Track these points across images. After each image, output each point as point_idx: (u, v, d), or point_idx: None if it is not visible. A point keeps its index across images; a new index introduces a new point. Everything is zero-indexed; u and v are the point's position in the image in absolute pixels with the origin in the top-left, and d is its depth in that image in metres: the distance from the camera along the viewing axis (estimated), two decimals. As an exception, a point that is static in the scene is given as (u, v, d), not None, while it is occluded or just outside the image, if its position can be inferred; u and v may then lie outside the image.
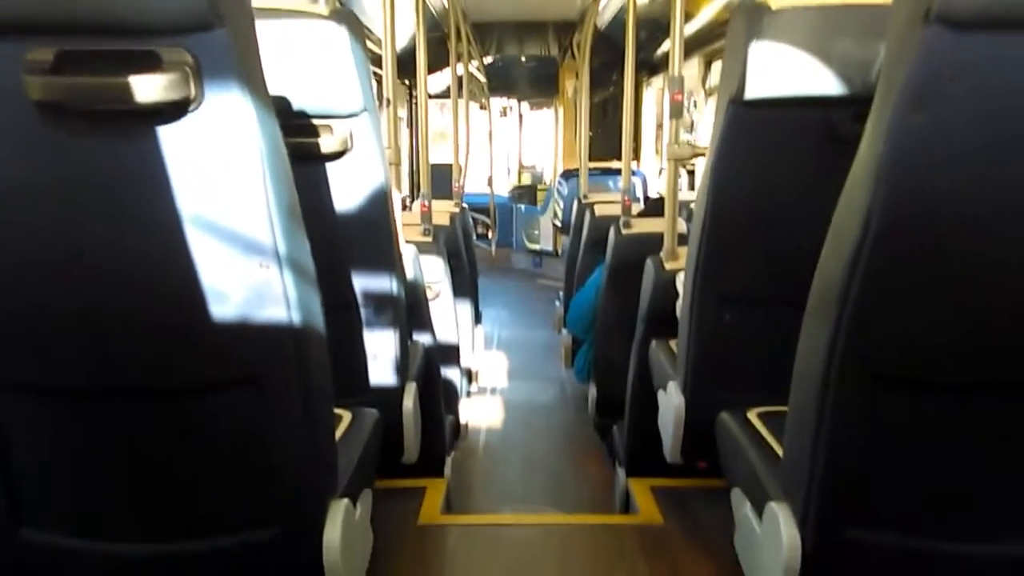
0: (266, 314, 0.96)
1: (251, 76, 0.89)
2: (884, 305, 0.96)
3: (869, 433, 1.03)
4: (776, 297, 1.52)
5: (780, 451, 1.25)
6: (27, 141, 0.88)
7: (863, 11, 1.38)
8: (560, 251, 7.38)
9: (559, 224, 6.94)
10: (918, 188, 0.91)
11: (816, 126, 1.43)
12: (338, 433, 1.29)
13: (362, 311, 1.66)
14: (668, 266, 2.07)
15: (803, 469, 1.08)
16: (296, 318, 0.97)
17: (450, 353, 2.72)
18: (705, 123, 4.81)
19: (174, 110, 0.86)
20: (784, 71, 1.41)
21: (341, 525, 1.11)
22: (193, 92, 0.85)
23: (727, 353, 1.65)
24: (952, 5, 0.83)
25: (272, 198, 0.92)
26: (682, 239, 2.13)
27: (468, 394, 3.35)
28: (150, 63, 0.83)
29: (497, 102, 8.72)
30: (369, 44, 1.70)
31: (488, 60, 7.14)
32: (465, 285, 3.43)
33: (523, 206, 8.32)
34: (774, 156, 1.49)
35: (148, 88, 0.83)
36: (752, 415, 1.41)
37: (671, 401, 1.72)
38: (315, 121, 1.48)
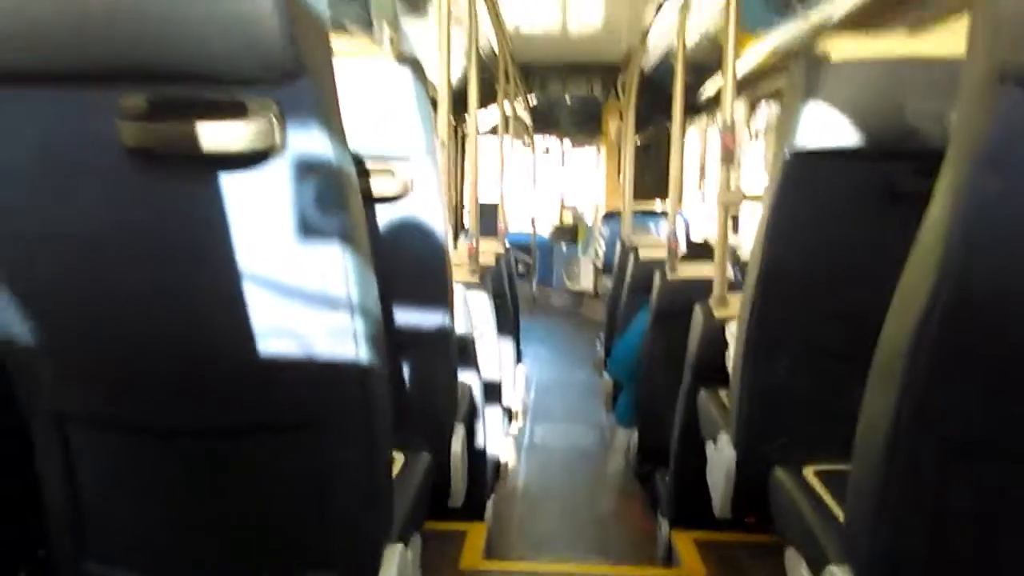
0: (336, 358, 0.97)
1: (332, 124, 0.91)
2: (954, 370, 0.93)
3: (937, 499, 0.99)
4: (833, 352, 1.49)
5: (839, 513, 1.21)
6: (116, 185, 0.91)
7: (926, 65, 1.36)
8: (600, 291, 7.36)
9: (600, 265, 6.93)
10: (993, 252, 0.88)
11: (876, 180, 1.41)
12: (393, 476, 1.29)
13: (415, 351, 1.67)
14: (718, 314, 2.04)
15: (866, 532, 1.05)
16: (364, 360, 0.98)
17: (492, 392, 2.71)
18: (748, 166, 4.79)
19: (259, 157, 0.88)
20: (842, 123, 1.40)
21: (396, 570, 1.10)
22: (278, 140, 0.87)
23: (781, 407, 1.61)
24: None
25: (348, 245, 0.93)
26: (730, 286, 2.12)
27: (508, 435, 3.33)
28: (238, 111, 0.85)
29: (540, 141, 8.80)
30: None
31: (533, 100, 7.23)
32: (507, 325, 3.43)
33: (564, 245, 8.34)
34: (832, 209, 1.48)
35: (236, 136, 0.85)
36: (808, 473, 1.37)
37: (723, 454, 1.69)
38: (378, 163, 1.51)
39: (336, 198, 0.92)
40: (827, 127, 1.40)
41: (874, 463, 1.01)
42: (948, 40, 1.38)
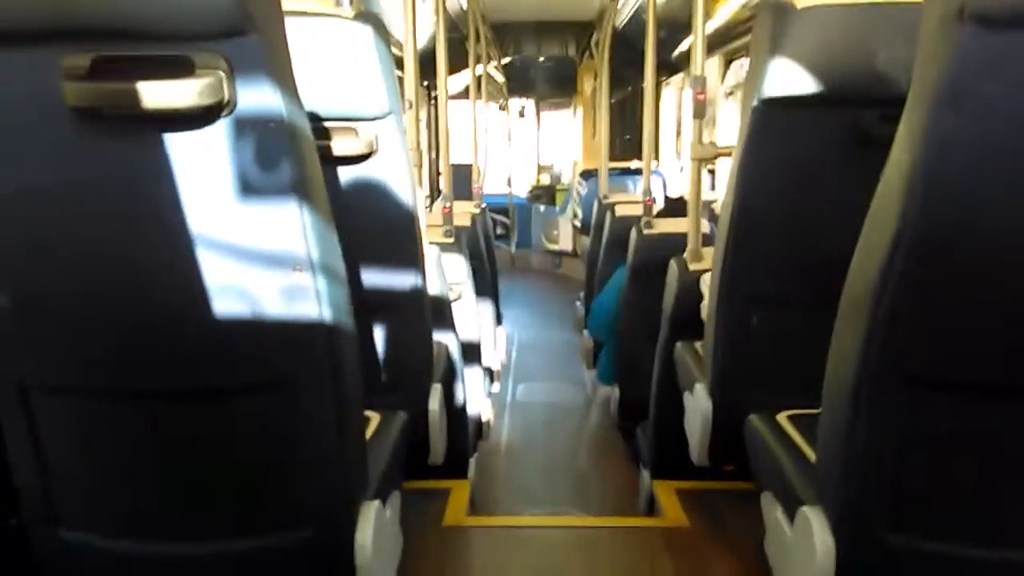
0: (299, 317, 0.96)
1: (283, 80, 0.89)
2: (918, 308, 0.95)
3: (904, 436, 1.01)
4: (804, 299, 1.51)
5: (812, 455, 1.23)
6: (62, 146, 0.89)
7: (891, 9, 1.36)
8: (579, 251, 7.37)
9: (578, 224, 6.93)
10: (953, 190, 0.89)
11: (844, 127, 1.42)
12: (367, 435, 1.29)
13: (387, 313, 1.66)
14: (692, 267, 2.06)
15: (837, 473, 1.07)
16: (328, 321, 0.98)
17: (472, 353, 2.73)
18: (724, 122, 4.78)
19: (208, 114, 0.86)
20: (810, 71, 1.39)
21: (373, 527, 1.11)
22: (227, 96, 0.85)
23: (754, 355, 1.64)
24: (987, 3, 0.82)
25: (304, 201, 0.92)
26: (706, 240, 2.13)
27: (489, 394, 3.36)
28: (185, 68, 0.83)
29: (515, 102, 8.72)
30: None
31: (506, 60, 7.15)
32: (486, 286, 3.43)
33: (542, 206, 8.31)
34: (801, 157, 1.48)
35: (183, 93, 0.83)
36: (782, 418, 1.40)
37: (698, 404, 1.71)
38: (340, 123, 1.49)
39: (290, 154, 0.91)
40: (795, 75, 1.40)
41: (842, 403, 1.03)
42: None
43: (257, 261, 0.94)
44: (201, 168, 0.90)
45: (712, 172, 4.59)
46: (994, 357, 0.98)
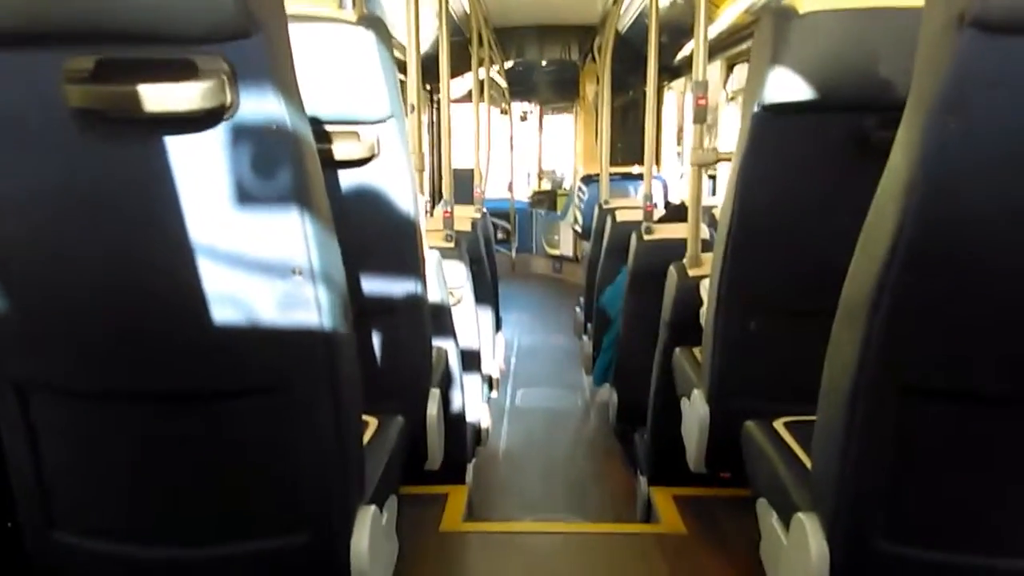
0: (297, 321, 0.96)
1: (285, 83, 0.89)
2: (915, 315, 0.95)
3: (899, 444, 1.01)
4: (803, 306, 1.50)
5: (808, 461, 1.23)
6: (65, 147, 0.90)
7: (893, 15, 1.36)
8: (580, 256, 7.37)
9: (579, 229, 6.93)
10: (952, 197, 0.89)
11: (844, 133, 1.41)
12: (364, 439, 1.29)
13: (386, 317, 1.66)
14: (692, 273, 2.05)
15: (832, 480, 1.07)
16: (327, 325, 0.98)
17: (471, 359, 2.72)
18: (725, 127, 4.78)
19: (210, 117, 0.87)
20: (811, 76, 1.39)
21: (369, 531, 1.11)
22: (229, 99, 0.85)
23: (752, 362, 1.63)
24: (987, 9, 0.81)
25: (305, 206, 0.92)
26: (705, 245, 2.12)
27: (488, 400, 3.36)
28: (187, 71, 0.84)
29: (517, 106, 8.73)
30: None
31: (508, 64, 7.16)
32: (486, 291, 3.43)
33: (543, 211, 8.32)
34: (801, 163, 1.48)
35: (185, 96, 0.83)
36: (778, 425, 1.39)
37: (695, 410, 1.71)
38: (342, 127, 1.49)
39: (291, 159, 0.91)
40: (796, 80, 1.40)
41: (838, 410, 1.03)
42: None
43: (257, 265, 0.94)
44: (202, 171, 0.90)
45: (712, 177, 4.59)
46: (991, 365, 0.97)
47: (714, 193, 4.46)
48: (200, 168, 0.89)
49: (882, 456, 1.02)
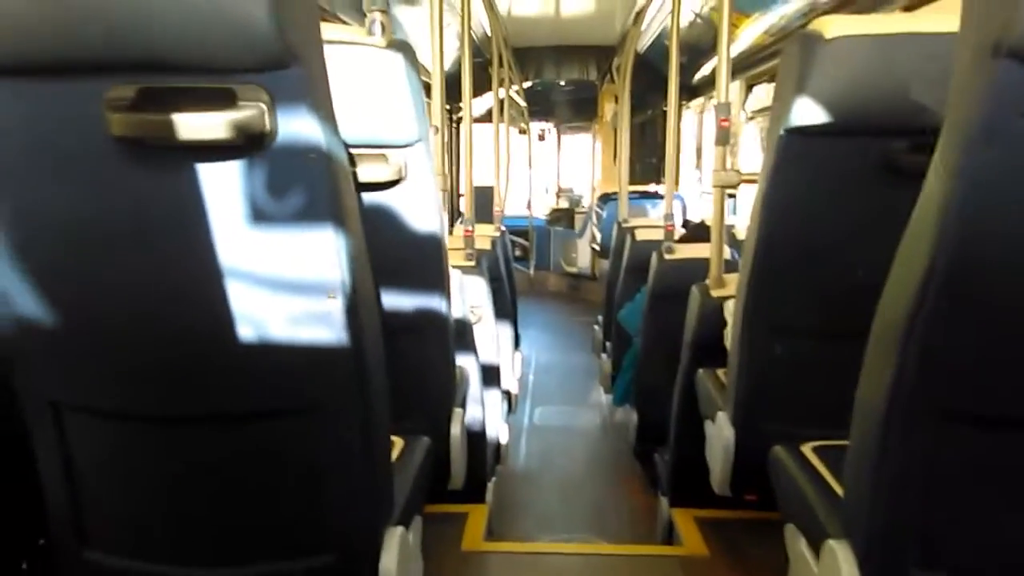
0: (331, 344, 0.97)
1: (323, 111, 0.91)
2: (950, 342, 0.94)
3: (934, 471, 1.00)
4: (830, 329, 1.50)
5: (837, 487, 1.22)
6: (104, 175, 0.91)
7: (921, 41, 1.36)
8: (598, 274, 7.37)
9: (597, 247, 6.93)
10: (988, 226, 0.88)
11: (871, 157, 1.41)
12: (391, 459, 1.29)
13: (412, 337, 1.67)
14: (715, 293, 2.05)
15: (865, 506, 1.05)
16: (360, 348, 0.99)
17: (491, 376, 2.72)
18: (745, 147, 4.78)
19: (249, 145, 0.88)
20: (838, 101, 1.39)
21: (397, 553, 1.11)
22: (268, 128, 0.87)
23: (779, 385, 1.62)
24: (1023, 39, 0.81)
25: (340, 230, 0.93)
26: (727, 266, 2.12)
27: (507, 418, 3.35)
28: (227, 100, 0.85)
29: (536, 126, 8.77)
30: None
31: (527, 84, 7.21)
32: (505, 308, 3.43)
33: (560, 229, 8.33)
34: (828, 186, 1.48)
35: (224, 124, 0.85)
36: (807, 449, 1.38)
37: (721, 432, 1.70)
38: (371, 150, 1.50)
39: (328, 185, 0.92)
40: (822, 105, 1.40)
41: (871, 437, 1.02)
42: (942, 17, 1.37)
43: (292, 288, 0.95)
44: (240, 197, 0.91)
45: (732, 196, 4.58)
46: None
47: (734, 212, 4.45)
48: (238, 195, 0.91)
49: (917, 483, 1.01)
